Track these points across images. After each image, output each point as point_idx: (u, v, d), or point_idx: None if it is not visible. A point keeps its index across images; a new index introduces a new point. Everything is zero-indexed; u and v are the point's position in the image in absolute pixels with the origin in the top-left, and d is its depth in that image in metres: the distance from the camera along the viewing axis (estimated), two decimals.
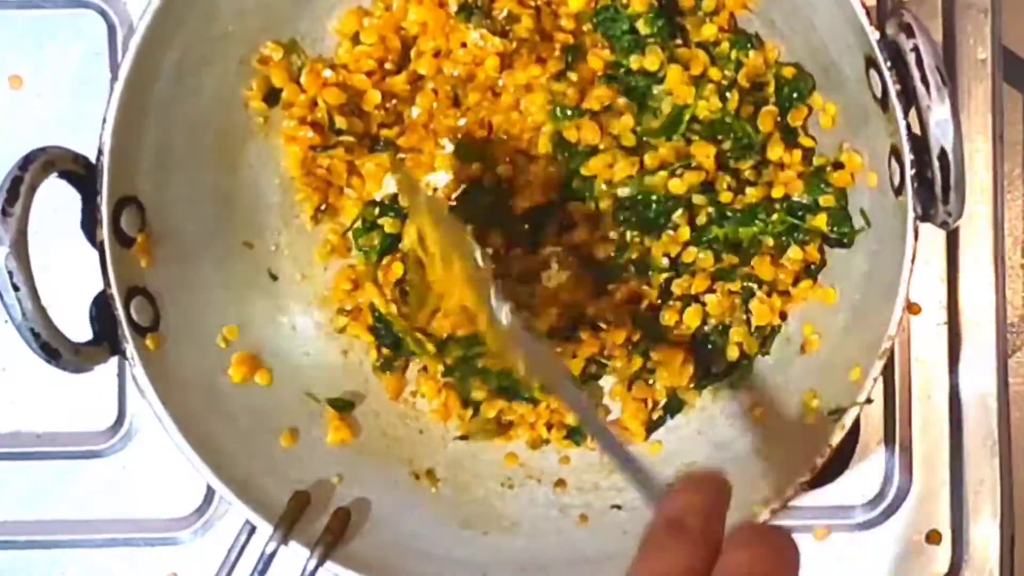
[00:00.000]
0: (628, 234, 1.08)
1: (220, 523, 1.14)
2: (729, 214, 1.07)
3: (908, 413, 1.13)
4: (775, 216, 1.06)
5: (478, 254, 0.95)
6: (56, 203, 0.92)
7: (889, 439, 1.13)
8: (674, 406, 1.11)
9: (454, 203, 1.09)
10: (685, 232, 1.07)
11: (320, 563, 0.96)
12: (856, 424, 1.10)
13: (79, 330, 0.93)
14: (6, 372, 1.15)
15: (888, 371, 1.13)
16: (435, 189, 1.10)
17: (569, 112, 1.07)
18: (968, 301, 1.13)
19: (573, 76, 1.08)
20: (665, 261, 1.08)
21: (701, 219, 1.07)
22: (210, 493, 1.14)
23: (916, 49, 0.86)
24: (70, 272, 1.02)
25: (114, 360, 0.95)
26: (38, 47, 1.15)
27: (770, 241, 1.06)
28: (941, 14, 1.14)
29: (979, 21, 1.13)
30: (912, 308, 1.13)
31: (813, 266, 1.07)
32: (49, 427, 1.15)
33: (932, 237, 1.13)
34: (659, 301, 1.09)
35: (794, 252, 1.06)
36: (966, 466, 1.12)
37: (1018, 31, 1.23)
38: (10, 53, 1.15)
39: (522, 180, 1.09)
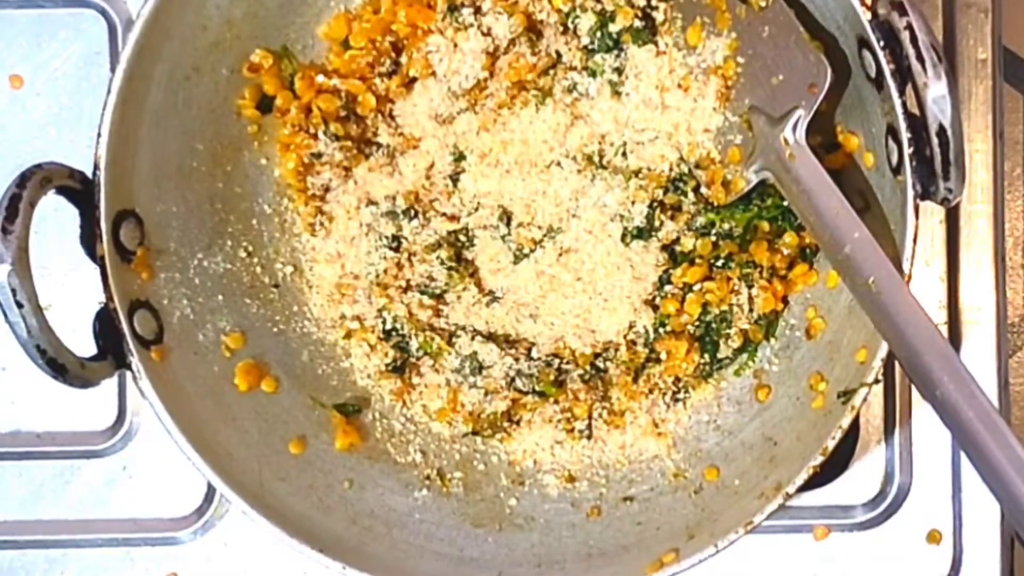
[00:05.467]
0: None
1: (220, 523, 1.15)
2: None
3: (908, 413, 1.14)
4: (769, 201, 1.06)
5: None
6: (55, 218, 0.92)
7: (889, 439, 1.14)
8: (680, 396, 1.11)
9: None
10: (681, 219, 1.07)
11: None
12: (856, 424, 1.12)
13: (83, 345, 0.93)
14: (6, 372, 1.15)
15: (888, 371, 1.14)
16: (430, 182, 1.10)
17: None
18: (968, 301, 1.14)
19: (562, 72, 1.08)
20: (663, 255, 1.08)
21: (688, 208, 1.07)
22: (210, 493, 1.14)
23: (910, 27, 0.87)
24: (72, 287, 1.02)
25: None
26: (38, 46, 1.15)
27: (765, 226, 1.06)
28: (941, 14, 1.13)
29: (979, 21, 1.13)
30: None
31: (808, 250, 1.07)
32: (49, 427, 1.15)
33: (932, 237, 1.13)
34: (656, 292, 1.09)
35: (789, 237, 1.06)
36: (966, 466, 1.13)
37: (1018, 31, 1.23)
38: (10, 53, 1.15)
39: None
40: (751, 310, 1.08)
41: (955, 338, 1.13)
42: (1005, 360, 1.13)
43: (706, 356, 1.10)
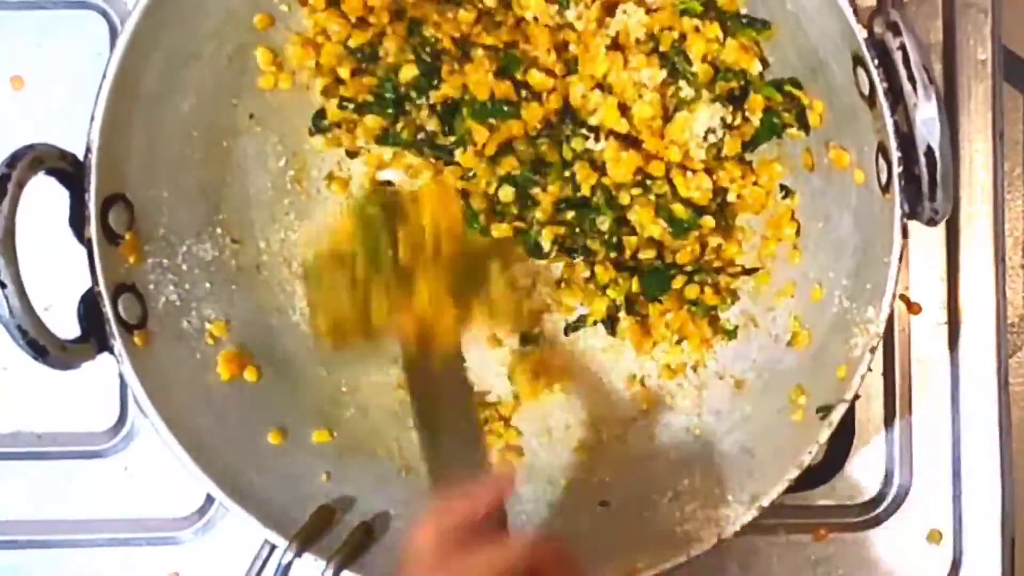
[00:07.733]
0: None
1: (222, 523, 1.14)
2: None
3: (908, 413, 1.13)
4: None
5: None
6: (45, 200, 0.93)
7: (889, 439, 1.13)
8: None
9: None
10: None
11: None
12: (853, 423, 1.11)
13: (69, 327, 0.94)
14: (6, 372, 1.15)
15: (888, 371, 1.13)
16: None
17: None
18: (968, 301, 1.12)
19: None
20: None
21: None
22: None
23: (903, 47, 0.86)
24: (59, 269, 1.02)
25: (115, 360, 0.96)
26: (39, 47, 1.15)
27: None
28: (941, 14, 1.13)
29: (979, 21, 1.13)
30: (912, 308, 1.12)
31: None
32: (49, 427, 1.15)
33: (932, 237, 1.12)
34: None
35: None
36: (966, 466, 1.11)
37: (1018, 31, 1.22)
38: (11, 53, 1.16)
39: None
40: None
41: (955, 338, 1.12)
42: (1005, 360, 1.12)
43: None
